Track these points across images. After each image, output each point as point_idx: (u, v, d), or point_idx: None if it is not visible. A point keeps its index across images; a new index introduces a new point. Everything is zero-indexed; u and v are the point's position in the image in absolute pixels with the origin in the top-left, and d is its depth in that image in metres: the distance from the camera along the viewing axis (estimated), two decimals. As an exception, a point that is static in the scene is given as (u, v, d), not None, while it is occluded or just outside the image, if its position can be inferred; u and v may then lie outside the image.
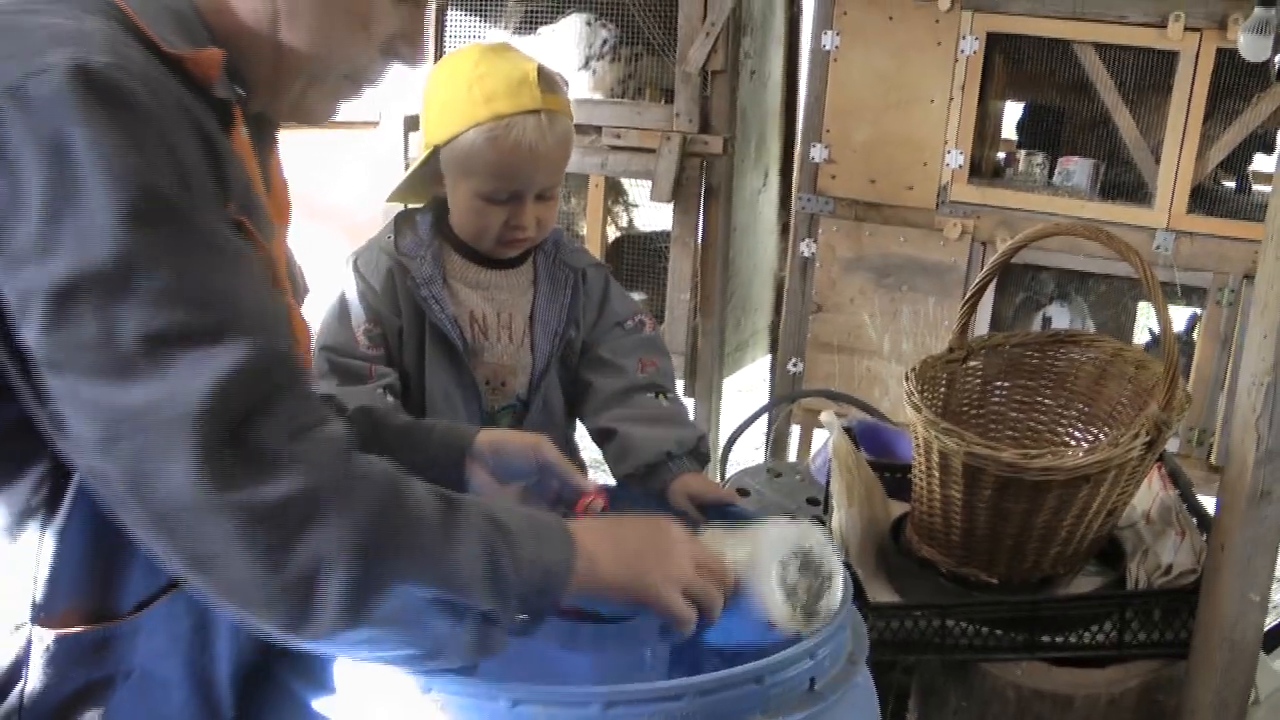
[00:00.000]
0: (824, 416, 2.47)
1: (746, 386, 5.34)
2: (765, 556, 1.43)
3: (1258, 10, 2.62)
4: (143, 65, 1.10)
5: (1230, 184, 3.58)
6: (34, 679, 1.18)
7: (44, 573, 1.16)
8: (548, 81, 2.03)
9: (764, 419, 3.61)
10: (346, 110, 4.02)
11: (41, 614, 1.17)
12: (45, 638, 1.18)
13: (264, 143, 1.40)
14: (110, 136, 1.04)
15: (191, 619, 1.28)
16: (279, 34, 1.27)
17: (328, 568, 1.09)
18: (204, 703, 1.33)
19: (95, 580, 1.20)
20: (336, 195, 3.70)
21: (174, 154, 1.09)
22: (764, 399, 4.16)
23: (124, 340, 1.04)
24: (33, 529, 1.16)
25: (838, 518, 2.23)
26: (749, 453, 4.68)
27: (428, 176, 2.10)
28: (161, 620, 1.25)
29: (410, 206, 2.20)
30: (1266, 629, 2.24)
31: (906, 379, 2.16)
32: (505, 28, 3.87)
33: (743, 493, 2.65)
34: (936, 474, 2.07)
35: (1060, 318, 3.52)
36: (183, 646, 1.29)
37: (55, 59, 1.04)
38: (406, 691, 1.28)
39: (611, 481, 2.03)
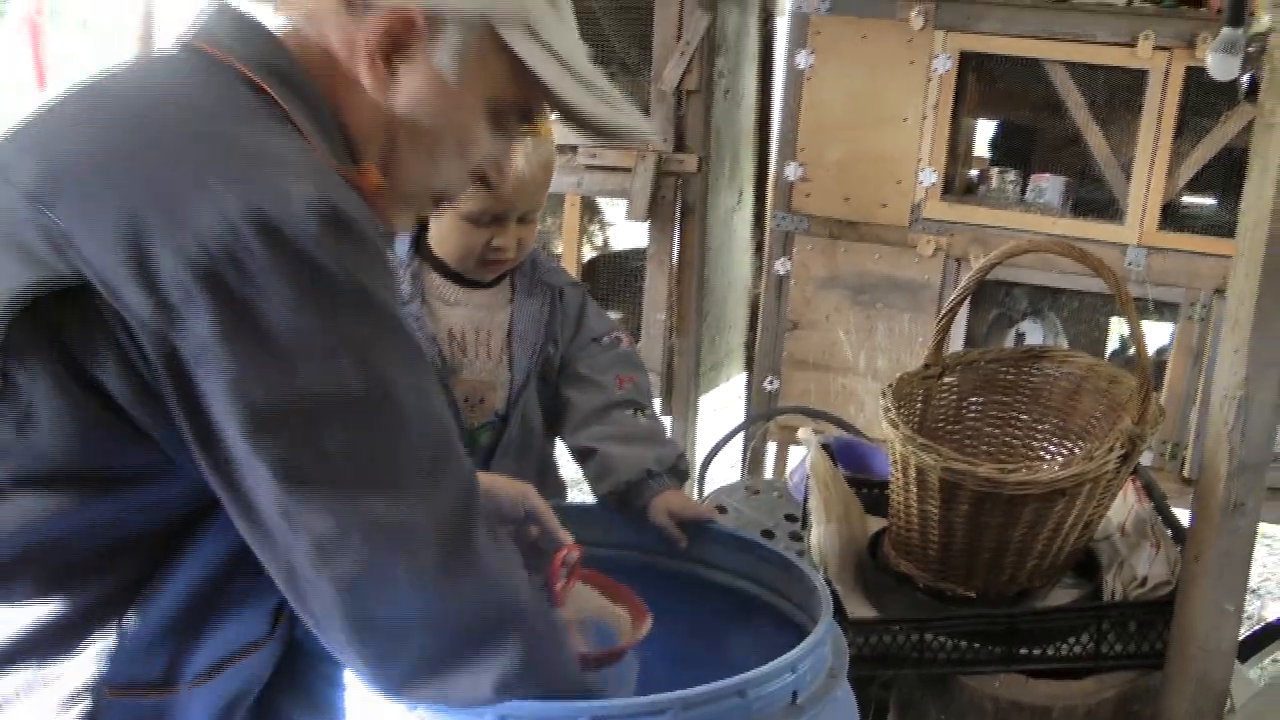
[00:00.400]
0: (801, 433, 2.49)
1: (722, 405, 5.35)
2: None
3: (1225, 30, 2.65)
4: (351, 192, 1.17)
5: (1199, 200, 3.61)
6: None
7: (118, 646, 1.19)
8: None
9: (740, 437, 3.62)
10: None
11: (106, 684, 1.19)
12: (104, 706, 1.19)
13: None
14: (355, 268, 1.11)
15: (240, 687, 1.33)
16: (395, 155, 1.32)
17: (504, 673, 1.22)
18: None
19: (165, 655, 1.23)
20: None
21: (391, 280, 1.19)
22: (740, 417, 4.18)
23: (374, 458, 1.13)
24: (120, 605, 1.18)
25: (816, 534, 2.25)
26: (725, 471, 4.69)
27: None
28: (219, 690, 1.29)
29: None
30: (1241, 638, 2.27)
31: (883, 395, 2.17)
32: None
33: (721, 510, 2.66)
34: (913, 489, 2.09)
35: (1033, 334, 3.55)
36: (222, 713, 1.33)
37: (294, 189, 1.10)
38: (391, 710, 1.28)
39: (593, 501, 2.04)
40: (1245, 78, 2.66)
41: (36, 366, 1.08)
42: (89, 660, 1.17)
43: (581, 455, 2.07)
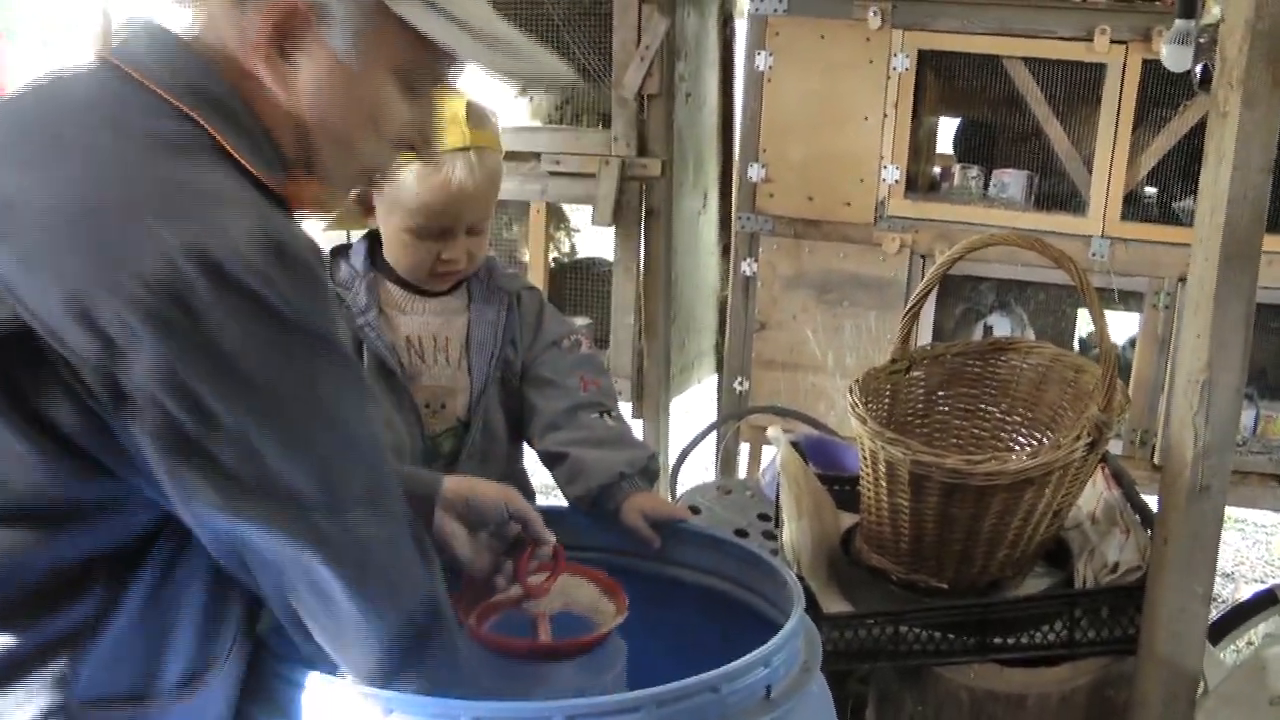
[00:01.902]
0: (771, 432, 2.50)
1: (693, 407, 5.35)
2: None
3: (1178, 23, 2.68)
4: (290, 222, 1.20)
5: (1161, 190, 3.64)
6: None
7: (86, 662, 1.19)
8: (477, 118, 2.05)
9: (712, 438, 3.63)
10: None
11: (76, 700, 1.19)
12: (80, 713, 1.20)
13: None
14: (299, 301, 1.13)
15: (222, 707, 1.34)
16: (313, 146, 1.31)
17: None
18: None
19: (133, 668, 1.23)
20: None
21: (334, 309, 1.20)
22: (711, 419, 4.18)
23: (318, 478, 1.17)
24: (85, 625, 1.18)
25: (788, 531, 2.25)
26: (698, 473, 4.69)
27: (358, 209, 2.11)
28: (203, 705, 1.30)
29: (339, 244, 2.21)
30: (1211, 621, 2.28)
31: (850, 391, 2.18)
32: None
33: (694, 510, 2.66)
34: (884, 483, 2.10)
35: (1001, 327, 3.57)
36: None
37: (234, 225, 1.11)
38: (367, 714, 1.28)
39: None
40: (1198, 68, 2.69)
41: None
42: (57, 680, 1.17)
43: (551, 460, 2.08)
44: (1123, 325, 3.62)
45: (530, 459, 2.24)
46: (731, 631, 1.83)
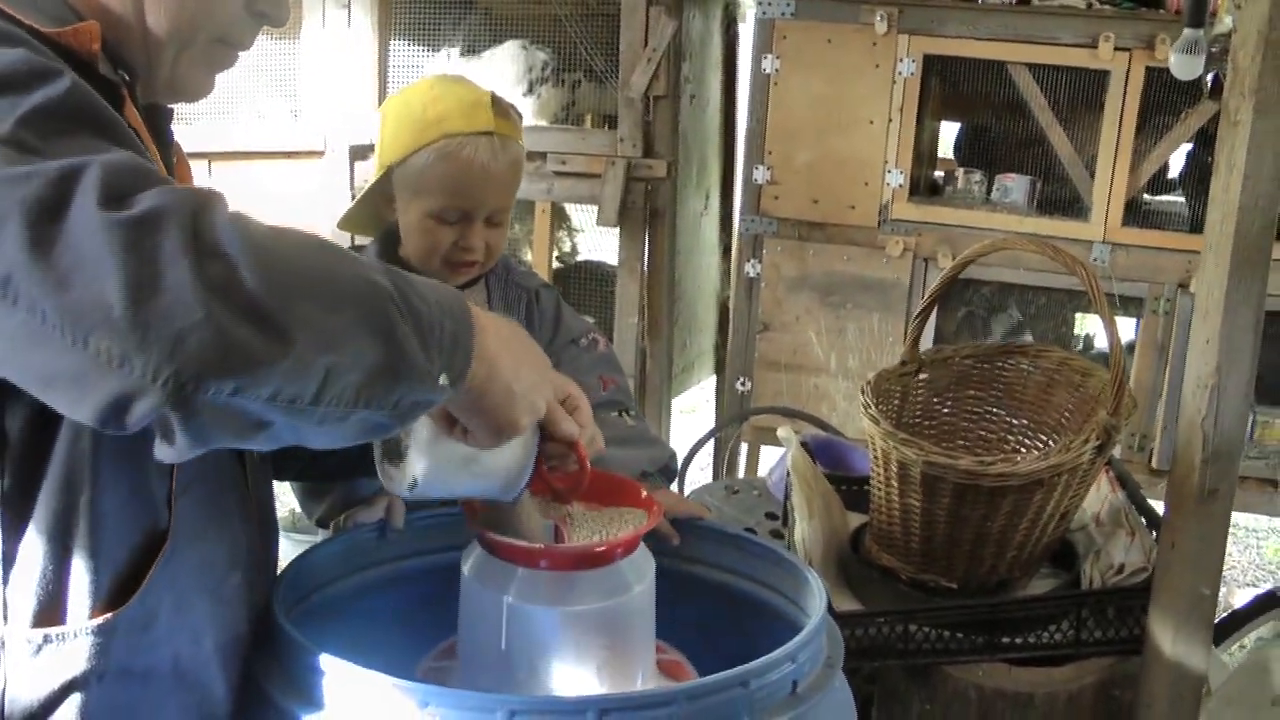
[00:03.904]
0: (781, 432, 2.52)
1: (689, 407, 5.39)
2: None
3: (1186, 31, 2.72)
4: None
5: (1161, 196, 3.68)
6: (12, 681, 1.19)
7: (8, 574, 1.17)
8: (501, 108, 2.08)
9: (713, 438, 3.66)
10: (293, 140, 3.96)
11: (11, 615, 1.18)
12: (17, 638, 1.18)
13: (161, 136, 1.38)
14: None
15: (170, 609, 1.28)
16: (142, 3, 1.26)
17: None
18: (193, 701, 1.33)
19: (58, 578, 1.19)
20: (282, 223, 3.70)
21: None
22: (709, 419, 4.21)
23: None
24: None
25: (799, 530, 2.28)
26: (695, 473, 4.72)
27: (379, 201, 2.13)
28: (138, 614, 1.24)
29: (354, 245, 2.23)
30: (1215, 623, 2.31)
31: (863, 392, 2.21)
32: (447, 57, 3.91)
33: (703, 509, 2.68)
34: (895, 484, 2.12)
35: (999, 330, 3.61)
36: (164, 639, 1.28)
37: None
38: (403, 707, 1.30)
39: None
40: (1209, 77, 2.72)
41: None
42: None
43: (572, 458, 2.09)
44: (1121, 330, 3.65)
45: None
46: (749, 627, 1.85)
